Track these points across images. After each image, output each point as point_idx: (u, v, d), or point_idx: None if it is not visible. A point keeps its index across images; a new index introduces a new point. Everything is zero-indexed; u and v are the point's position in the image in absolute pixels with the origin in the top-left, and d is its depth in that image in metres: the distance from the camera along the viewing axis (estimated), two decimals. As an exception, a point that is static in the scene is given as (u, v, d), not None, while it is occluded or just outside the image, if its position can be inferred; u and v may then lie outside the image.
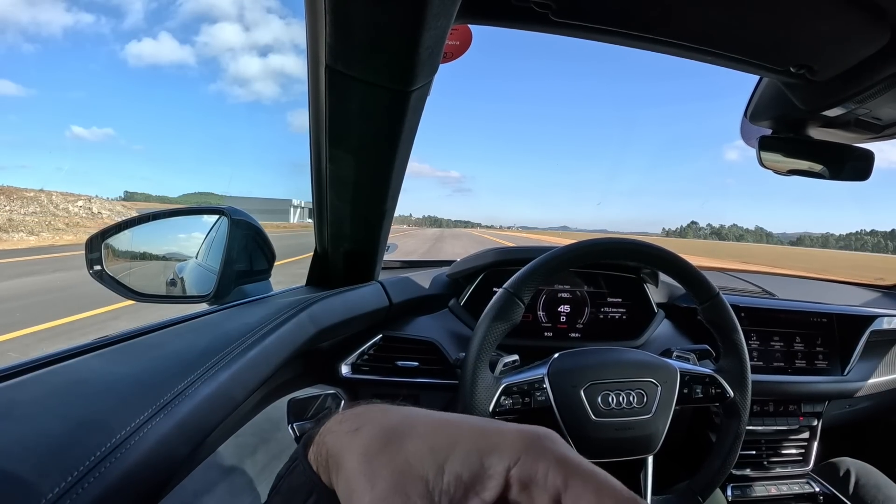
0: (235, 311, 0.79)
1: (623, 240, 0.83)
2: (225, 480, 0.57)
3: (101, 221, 25.58)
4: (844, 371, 1.26)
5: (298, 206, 72.84)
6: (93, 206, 28.84)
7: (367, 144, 0.71)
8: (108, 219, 26.86)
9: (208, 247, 0.99)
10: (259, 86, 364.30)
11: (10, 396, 0.43)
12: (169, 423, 0.43)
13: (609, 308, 1.20)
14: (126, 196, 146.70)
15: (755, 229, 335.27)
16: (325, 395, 0.91)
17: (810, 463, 1.27)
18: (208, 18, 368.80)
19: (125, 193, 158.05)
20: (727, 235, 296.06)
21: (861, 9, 0.58)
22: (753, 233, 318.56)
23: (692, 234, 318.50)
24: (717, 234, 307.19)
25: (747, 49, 0.70)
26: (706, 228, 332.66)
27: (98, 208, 29.08)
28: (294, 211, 69.15)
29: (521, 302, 0.77)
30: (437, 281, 1.20)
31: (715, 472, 0.84)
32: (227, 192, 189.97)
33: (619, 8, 0.63)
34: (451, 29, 0.57)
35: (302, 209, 73.25)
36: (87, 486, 0.34)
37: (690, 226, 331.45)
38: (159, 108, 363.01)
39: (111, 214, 28.54)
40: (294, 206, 70.67)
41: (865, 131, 0.91)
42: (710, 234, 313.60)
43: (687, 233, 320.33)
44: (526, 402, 0.79)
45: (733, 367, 0.85)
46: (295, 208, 70.61)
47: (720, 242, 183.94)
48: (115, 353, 0.55)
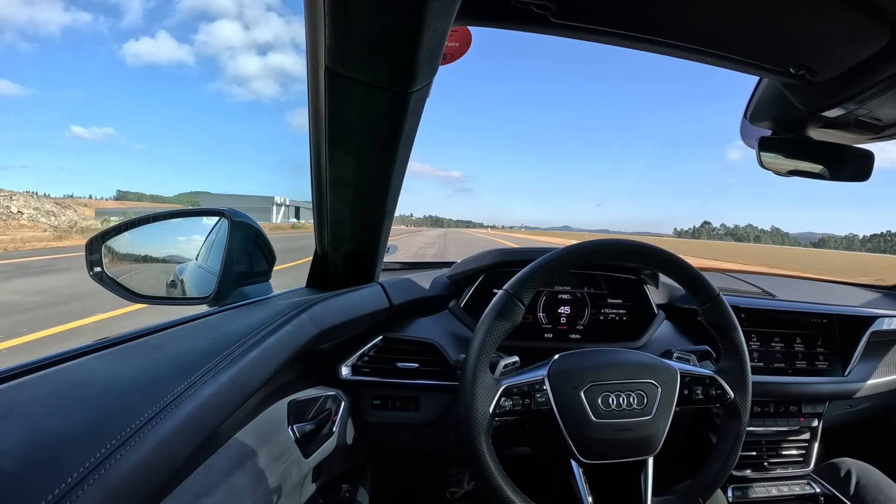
0: (235, 312, 0.79)
1: (624, 241, 0.83)
2: (225, 482, 0.57)
3: (18, 223, 23.59)
4: (845, 372, 1.26)
5: (283, 205, 65.28)
6: (12, 205, 25.17)
7: (366, 146, 0.71)
8: (27, 220, 24.56)
9: (208, 248, 0.99)
10: (258, 84, 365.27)
11: (11, 397, 0.43)
12: (169, 425, 0.43)
13: (609, 309, 1.20)
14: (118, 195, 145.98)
15: (771, 230, 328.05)
16: (326, 397, 0.91)
17: (811, 464, 1.27)
18: (207, 16, 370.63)
19: (118, 192, 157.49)
20: (744, 236, 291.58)
21: (860, 9, 0.58)
22: (770, 234, 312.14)
23: (706, 234, 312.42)
24: (732, 235, 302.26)
25: (747, 50, 0.70)
26: (720, 229, 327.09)
27: (19, 206, 25.48)
28: (277, 210, 62.19)
29: (521, 303, 0.77)
30: (438, 282, 1.20)
31: (715, 473, 0.84)
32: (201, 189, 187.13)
33: (618, 9, 0.63)
34: (451, 30, 0.57)
35: (287, 207, 66.73)
36: (88, 488, 0.34)
37: (704, 226, 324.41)
38: (159, 108, 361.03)
39: (36, 214, 25.68)
40: (277, 205, 63.50)
41: (865, 132, 0.91)
42: (725, 235, 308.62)
43: (701, 233, 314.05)
44: (526, 403, 0.79)
45: (734, 368, 0.85)
46: (278, 207, 63.50)
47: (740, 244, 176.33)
48: (116, 355, 0.56)
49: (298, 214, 68.57)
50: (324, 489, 0.96)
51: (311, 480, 0.88)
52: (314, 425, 0.84)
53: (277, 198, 65.04)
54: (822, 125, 0.91)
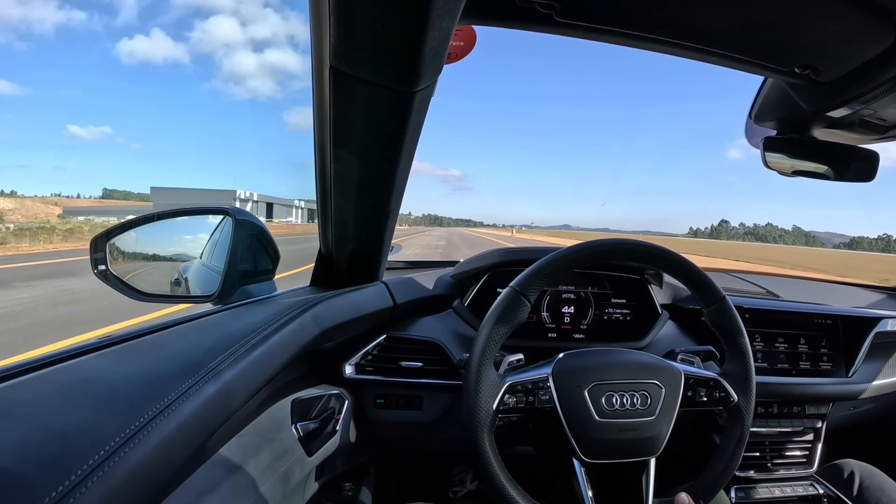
0: (239, 311, 0.79)
1: (630, 241, 0.83)
2: (228, 480, 0.57)
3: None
4: (849, 373, 1.26)
5: (249, 201, 55.90)
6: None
7: (371, 145, 0.71)
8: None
9: (213, 247, 0.99)
10: (256, 82, 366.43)
11: (14, 395, 0.43)
12: (173, 423, 0.43)
13: (613, 309, 1.19)
14: (105, 194, 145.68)
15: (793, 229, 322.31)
16: (329, 396, 0.91)
17: (814, 465, 1.27)
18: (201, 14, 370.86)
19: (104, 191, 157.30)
20: (765, 236, 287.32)
21: (866, 9, 0.58)
22: (792, 233, 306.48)
23: (725, 234, 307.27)
24: (753, 235, 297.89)
25: (752, 50, 0.70)
26: (739, 228, 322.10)
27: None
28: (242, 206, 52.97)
29: (527, 300, 0.77)
30: (441, 281, 1.20)
31: (718, 474, 0.84)
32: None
33: (623, 9, 0.63)
34: (456, 30, 0.57)
35: (255, 203, 57.00)
36: (91, 485, 0.34)
37: (722, 225, 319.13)
38: (156, 106, 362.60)
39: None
40: (242, 201, 53.26)
41: (870, 132, 0.91)
42: (746, 235, 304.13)
43: (720, 233, 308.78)
44: (530, 401, 0.79)
45: (738, 370, 0.85)
46: (243, 202, 52.96)
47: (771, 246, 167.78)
48: (119, 353, 0.56)
49: (272, 212, 63.44)
50: (327, 488, 0.96)
51: (315, 479, 0.88)
52: (317, 424, 0.84)
53: (242, 192, 57.59)
54: (826, 125, 0.91)
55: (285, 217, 69.96)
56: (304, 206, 78.64)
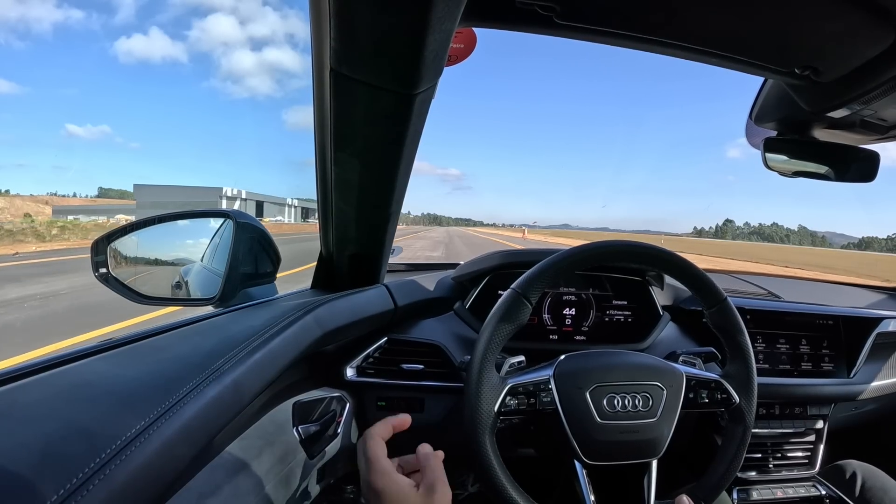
0: (240, 313, 0.79)
1: (632, 242, 0.83)
2: (230, 483, 0.57)
3: None
4: (850, 373, 1.26)
5: (236, 199, 52.35)
6: None
7: (371, 147, 0.71)
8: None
9: (213, 250, 0.99)
10: (255, 81, 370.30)
11: (15, 398, 0.43)
12: (174, 426, 0.43)
13: (614, 311, 1.19)
14: (100, 193, 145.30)
15: (798, 229, 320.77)
16: (330, 398, 0.91)
17: (816, 466, 1.26)
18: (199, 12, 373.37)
19: (99, 190, 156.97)
20: (771, 236, 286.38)
21: (866, 10, 0.58)
22: (798, 233, 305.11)
23: (730, 234, 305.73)
24: (758, 234, 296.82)
25: (752, 51, 0.70)
26: (745, 227, 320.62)
27: None
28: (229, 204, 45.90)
29: (528, 302, 0.77)
30: (442, 284, 1.20)
31: (720, 476, 0.84)
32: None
33: (623, 11, 0.63)
34: (456, 32, 0.57)
35: (243, 201, 53.62)
36: (92, 489, 0.34)
37: (727, 225, 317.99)
38: (154, 105, 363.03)
39: None
40: (229, 199, 50.46)
41: (870, 132, 0.91)
42: (751, 235, 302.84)
43: (725, 233, 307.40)
44: (531, 402, 0.79)
45: (740, 372, 0.85)
46: (231, 201, 49.88)
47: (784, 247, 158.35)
48: (120, 356, 0.56)
49: (261, 211, 60.07)
50: (328, 490, 0.96)
51: (316, 481, 0.88)
52: (319, 426, 0.84)
53: (228, 189, 54.48)
54: (827, 126, 0.91)
55: (276, 216, 68.11)
56: (297, 205, 76.99)
